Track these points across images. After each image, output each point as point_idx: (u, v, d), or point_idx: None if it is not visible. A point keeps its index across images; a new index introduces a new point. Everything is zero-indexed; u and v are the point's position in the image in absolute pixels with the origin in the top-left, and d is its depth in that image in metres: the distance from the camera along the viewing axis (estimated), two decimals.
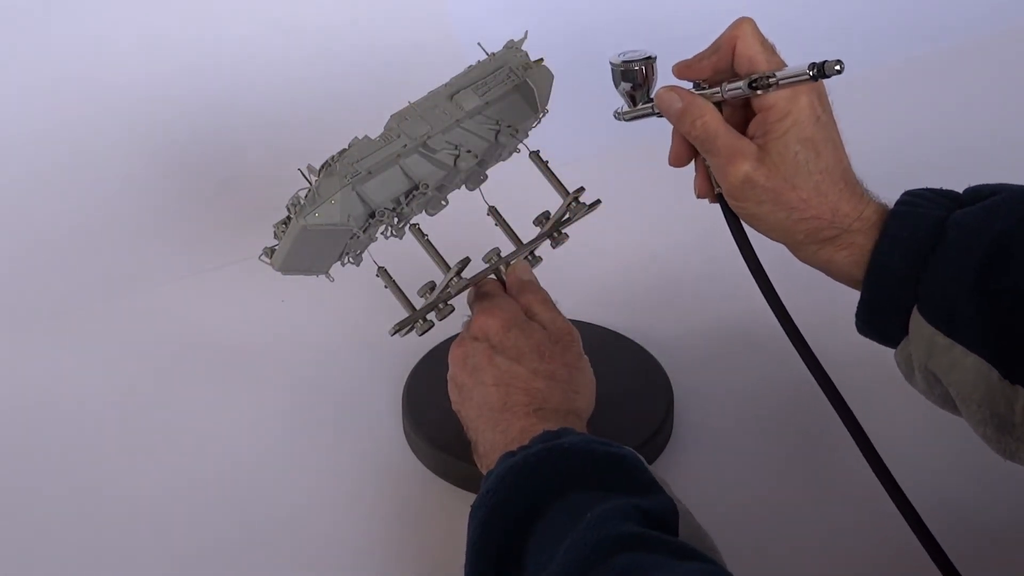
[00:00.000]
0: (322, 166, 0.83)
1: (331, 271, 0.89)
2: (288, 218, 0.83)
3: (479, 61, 0.89)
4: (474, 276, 0.88)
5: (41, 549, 0.86)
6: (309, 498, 0.90)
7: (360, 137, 0.84)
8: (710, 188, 0.81)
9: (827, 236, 0.78)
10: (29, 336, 1.07)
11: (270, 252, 0.86)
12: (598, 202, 0.91)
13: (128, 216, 1.18)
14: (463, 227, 0.91)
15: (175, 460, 0.94)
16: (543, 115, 0.91)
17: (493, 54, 0.90)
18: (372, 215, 0.84)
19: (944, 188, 0.79)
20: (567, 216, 0.91)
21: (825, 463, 0.92)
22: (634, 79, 0.82)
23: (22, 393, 1.01)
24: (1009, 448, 0.74)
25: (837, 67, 0.71)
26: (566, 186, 0.90)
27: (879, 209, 0.78)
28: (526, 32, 0.90)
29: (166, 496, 0.90)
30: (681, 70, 0.80)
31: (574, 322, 0.88)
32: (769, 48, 0.77)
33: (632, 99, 0.84)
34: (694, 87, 0.80)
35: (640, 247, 1.18)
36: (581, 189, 0.89)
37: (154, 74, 1.22)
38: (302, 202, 0.81)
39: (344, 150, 0.83)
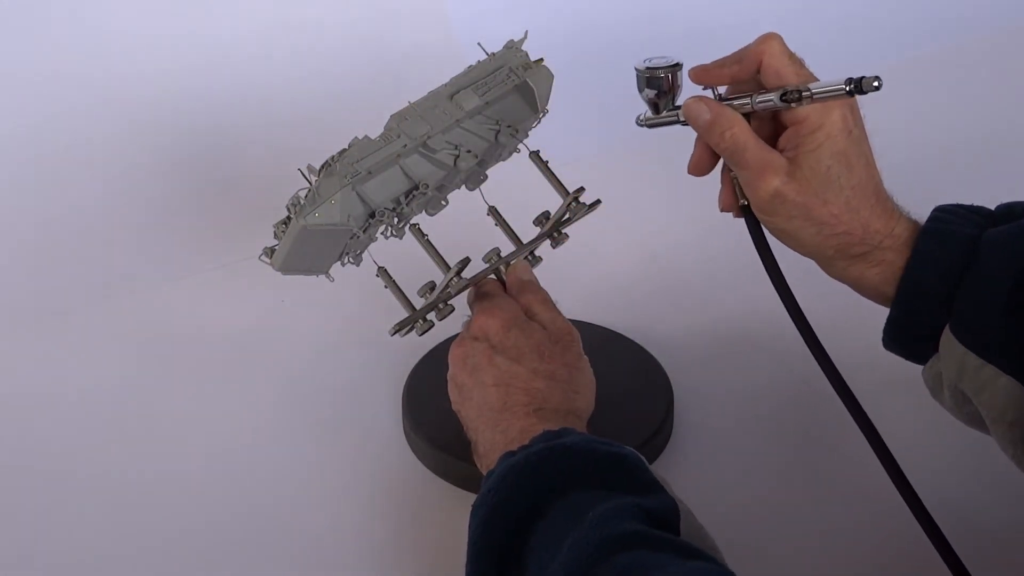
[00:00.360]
0: (322, 166, 0.82)
1: (331, 271, 0.89)
2: (288, 218, 0.83)
3: (479, 61, 0.89)
4: (474, 276, 0.88)
5: (41, 547, 0.86)
6: (309, 497, 0.90)
7: (360, 137, 0.84)
8: (735, 201, 0.80)
9: (857, 252, 0.77)
10: (29, 336, 1.07)
11: (270, 252, 0.86)
12: (598, 202, 0.91)
13: (128, 216, 1.18)
14: (463, 227, 0.91)
15: (174, 459, 0.94)
16: (543, 115, 0.91)
17: (493, 54, 0.90)
18: (372, 215, 0.84)
19: (975, 204, 0.78)
20: (567, 216, 0.91)
21: (825, 463, 0.92)
22: (659, 86, 0.81)
23: (21, 393, 1.01)
24: None
25: (875, 83, 0.69)
26: (566, 186, 0.90)
27: (910, 226, 0.77)
28: (526, 32, 0.90)
29: (164, 496, 0.90)
30: (698, 74, 0.79)
31: (574, 322, 0.88)
32: (798, 62, 0.76)
33: (655, 106, 0.82)
34: (714, 95, 0.79)
35: (640, 247, 1.18)
36: (581, 189, 0.89)
37: (154, 74, 1.21)
38: (302, 202, 0.81)
39: (344, 150, 0.83)
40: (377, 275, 0.88)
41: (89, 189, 1.18)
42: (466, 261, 0.86)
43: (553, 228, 0.91)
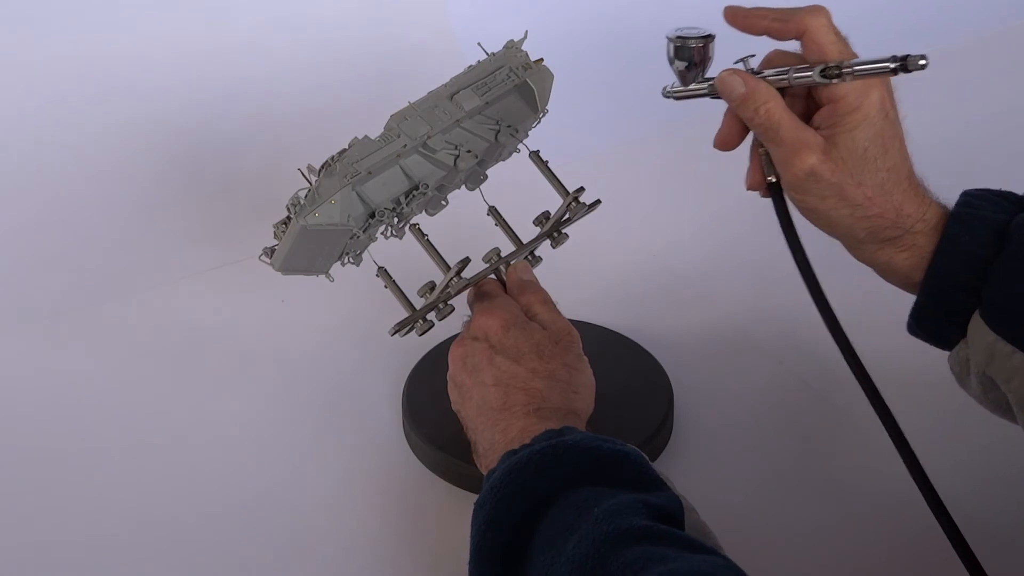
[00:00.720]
0: (322, 166, 0.82)
1: (331, 271, 0.89)
2: (288, 218, 0.83)
3: (479, 61, 0.89)
4: (474, 276, 0.88)
5: (40, 545, 0.86)
6: (309, 497, 0.90)
7: (360, 137, 0.84)
8: (763, 179, 0.78)
9: (888, 236, 0.76)
10: (30, 336, 1.07)
11: (270, 252, 0.85)
12: (598, 202, 0.91)
13: (128, 216, 1.18)
14: (463, 227, 0.91)
15: (173, 460, 0.94)
16: (543, 115, 0.91)
17: (493, 54, 0.90)
18: (372, 215, 0.84)
19: (1005, 190, 0.78)
20: (567, 216, 0.91)
21: (826, 462, 0.92)
22: (690, 57, 0.78)
23: (22, 392, 1.01)
24: None
25: (922, 62, 0.68)
26: (566, 186, 0.90)
27: (939, 211, 0.77)
28: (526, 32, 0.90)
29: (164, 496, 0.90)
30: (734, 13, 0.77)
31: (574, 322, 0.88)
32: (843, 40, 0.74)
33: (684, 78, 0.80)
34: (745, 68, 0.77)
35: (639, 246, 1.18)
36: (581, 189, 0.89)
37: (155, 75, 1.21)
38: (302, 202, 0.81)
39: (344, 150, 0.83)
40: (377, 275, 0.88)
41: (89, 190, 1.17)
42: (466, 261, 0.86)
43: (553, 228, 0.91)
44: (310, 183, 0.82)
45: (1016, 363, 0.72)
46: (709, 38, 0.79)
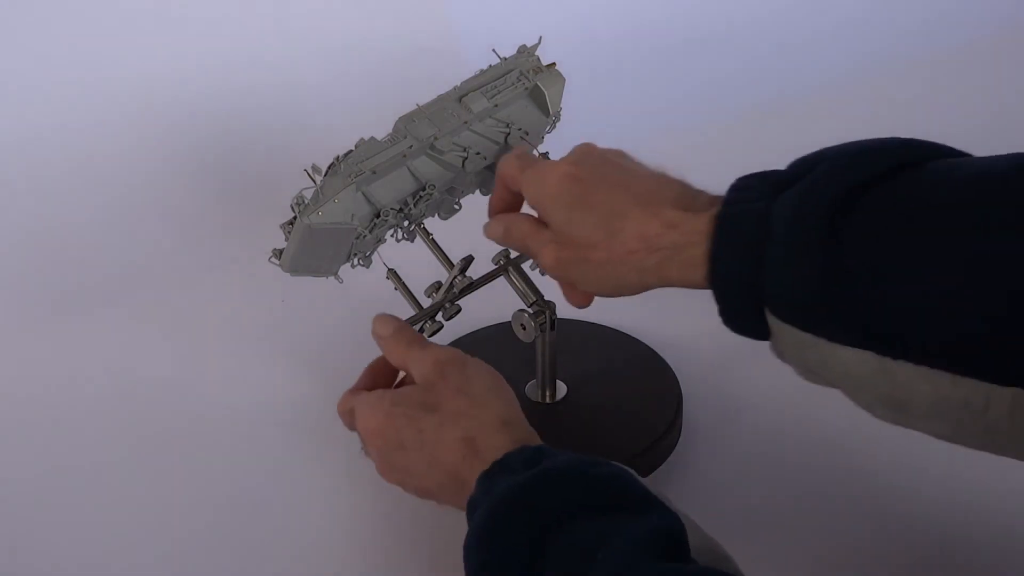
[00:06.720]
0: (328, 166, 0.83)
1: (340, 273, 0.89)
2: (294, 218, 0.83)
3: (491, 65, 0.90)
4: (482, 277, 0.88)
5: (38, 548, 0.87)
6: (308, 496, 0.90)
7: (367, 139, 0.84)
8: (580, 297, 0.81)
9: (654, 263, 0.74)
10: (31, 336, 1.08)
11: (279, 254, 0.86)
12: None
13: (130, 216, 1.18)
14: (476, 230, 0.91)
15: (178, 456, 0.95)
16: (556, 120, 0.91)
17: (505, 58, 0.90)
18: (377, 215, 0.84)
19: (774, 169, 0.72)
20: None
21: (838, 467, 0.91)
22: None
23: (23, 390, 1.02)
24: (910, 424, 0.68)
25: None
26: None
27: (712, 216, 0.72)
28: (540, 37, 0.90)
29: (165, 492, 0.91)
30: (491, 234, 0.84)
31: (580, 322, 0.87)
32: (524, 158, 0.81)
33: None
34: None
35: None
36: None
37: (159, 77, 1.21)
38: (307, 202, 0.82)
39: (350, 151, 0.84)
40: (387, 277, 0.88)
41: (91, 190, 1.17)
42: (469, 259, 0.85)
43: None
44: (315, 182, 0.82)
45: (823, 349, 0.68)
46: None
